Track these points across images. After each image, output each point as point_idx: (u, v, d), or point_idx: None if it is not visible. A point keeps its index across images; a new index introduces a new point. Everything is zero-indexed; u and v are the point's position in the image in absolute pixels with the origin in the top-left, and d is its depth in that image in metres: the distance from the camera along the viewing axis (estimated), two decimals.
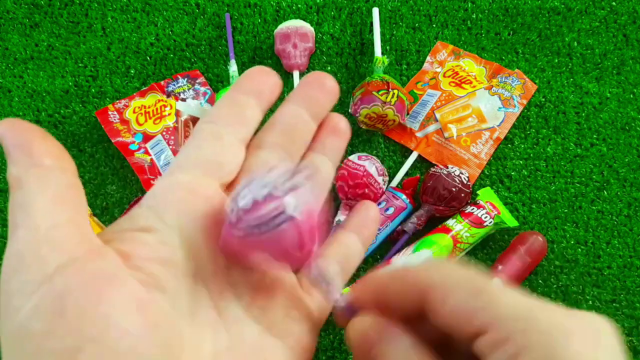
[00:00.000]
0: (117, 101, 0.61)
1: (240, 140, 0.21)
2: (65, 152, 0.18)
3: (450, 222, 0.54)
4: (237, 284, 0.20)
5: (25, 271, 0.15)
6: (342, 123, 0.24)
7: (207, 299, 0.19)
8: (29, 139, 0.17)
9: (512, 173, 0.59)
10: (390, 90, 0.56)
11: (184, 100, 0.61)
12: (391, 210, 0.55)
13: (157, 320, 0.16)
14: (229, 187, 0.21)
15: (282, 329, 0.20)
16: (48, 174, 0.17)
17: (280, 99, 0.23)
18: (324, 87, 0.23)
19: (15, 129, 0.17)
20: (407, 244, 0.54)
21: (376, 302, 0.19)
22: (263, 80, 0.22)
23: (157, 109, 0.60)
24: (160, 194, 0.19)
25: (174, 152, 0.58)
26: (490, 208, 0.54)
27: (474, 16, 0.66)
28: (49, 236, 0.16)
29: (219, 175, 0.20)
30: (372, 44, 0.62)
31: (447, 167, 0.55)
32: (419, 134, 0.60)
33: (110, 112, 0.60)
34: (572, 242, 0.56)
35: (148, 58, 0.64)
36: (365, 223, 0.25)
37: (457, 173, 0.54)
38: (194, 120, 0.60)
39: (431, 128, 0.60)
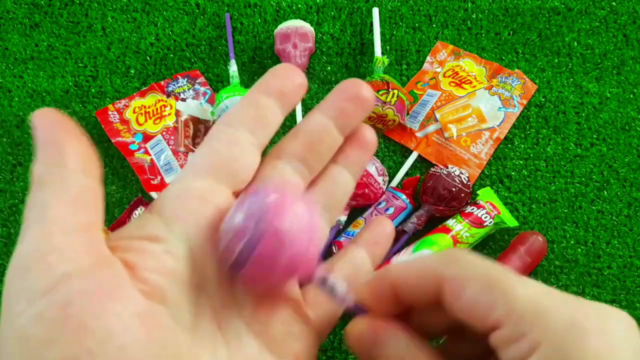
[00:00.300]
0: (117, 101, 0.61)
1: (257, 146, 0.21)
2: (93, 154, 0.18)
3: (450, 222, 0.54)
4: (239, 297, 0.20)
5: (31, 277, 0.15)
6: (369, 135, 0.23)
7: (208, 312, 0.19)
8: (62, 139, 0.17)
9: (512, 173, 0.59)
10: (390, 90, 0.56)
11: (184, 100, 0.61)
12: (391, 210, 0.55)
13: (157, 335, 0.16)
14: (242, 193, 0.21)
15: (281, 345, 0.20)
16: (70, 177, 0.17)
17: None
18: (358, 97, 0.21)
19: (51, 124, 0.17)
20: (407, 244, 0.54)
21: (392, 295, 0.19)
22: (288, 80, 0.21)
23: (157, 109, 0.60)
24: (172, 200, 0.19)
25: (174, 152, 0.58)
26: (490, 208, 0.54)
27: (474, 16, 0.66)
28: (59, 242, 0.16)
29: (232, 182, 0.20)
30: (372, 44, 0.62)
31: (447, 167, 0.55)
32: (419, 134, 0.60)
33: (110, 112, 0.60)
34: (572, 242, 0.56)
35: (148, 58, 0.64)
36: (378, 240, 0.24)
37: (457, 173, 0.54)
38: (194, 120, 0.60)
39: (431, 128, 0.60)
